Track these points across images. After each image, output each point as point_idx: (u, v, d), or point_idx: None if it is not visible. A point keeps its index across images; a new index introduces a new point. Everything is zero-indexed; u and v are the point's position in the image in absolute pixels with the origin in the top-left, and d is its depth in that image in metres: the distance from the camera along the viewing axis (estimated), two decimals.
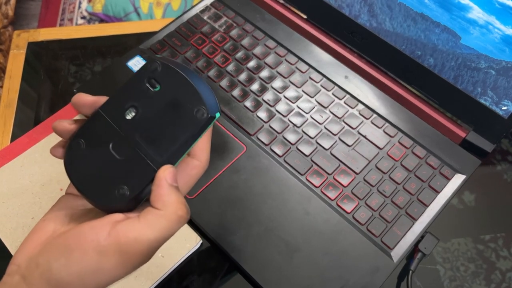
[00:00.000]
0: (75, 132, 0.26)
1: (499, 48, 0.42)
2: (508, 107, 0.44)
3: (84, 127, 0.26)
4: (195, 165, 0.28)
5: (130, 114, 0.26)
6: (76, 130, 0.27)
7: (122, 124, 0.26)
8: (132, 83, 0.26)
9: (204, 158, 0.28)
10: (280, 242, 0.41)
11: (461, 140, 0.47)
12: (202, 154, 0.28)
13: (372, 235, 0.42)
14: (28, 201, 0.44)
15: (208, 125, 0.26)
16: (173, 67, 0.26)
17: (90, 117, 0.27)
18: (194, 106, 0.25)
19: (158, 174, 0.25)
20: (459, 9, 0.42)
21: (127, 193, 0.25)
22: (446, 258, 0.45)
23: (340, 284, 0.39)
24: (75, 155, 0.26)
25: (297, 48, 0.53)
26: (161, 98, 0.25)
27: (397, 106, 0.49)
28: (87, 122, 0.26)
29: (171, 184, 0.25)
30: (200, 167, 0.28)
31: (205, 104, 0.25)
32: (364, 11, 0.49)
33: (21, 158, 0.47)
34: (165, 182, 0.25)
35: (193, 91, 0.25)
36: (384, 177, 0.45)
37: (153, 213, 0.24)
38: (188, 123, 0.25)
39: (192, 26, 0.55)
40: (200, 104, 0.25)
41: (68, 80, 0.56)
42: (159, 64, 0.26)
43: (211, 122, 0.26)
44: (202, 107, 0.25)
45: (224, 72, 0.52)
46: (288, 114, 0.49)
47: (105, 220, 0.24)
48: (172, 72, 0.26)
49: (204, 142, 0.28)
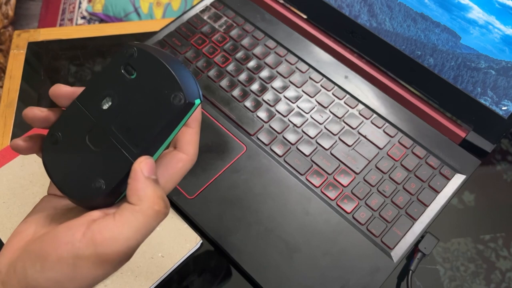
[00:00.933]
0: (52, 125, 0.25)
1: (499, 48, 0.42)
2: (508, 107, 0.44)
3: (60, 119, 0.25)
4: (181, 158, 0.26)
5: (106, 103, 0.24)
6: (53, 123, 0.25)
7: (98, 115, 0.24)
8: (108, 71, 0.25)
9: (191, 151, 0.27)
10: (280, 242, 0.41)
11: (461, 140, 0.47)
12: (189, 147, 0.27)
13: (372, 235, 0.42)
14: (28, 201, 0.44)
15: (187, 112, 0.24)
16: (150, 52, 0.24)
17: (67, 108, 0.25)
18: (171, 92, 0.23)
19: (133, 166, 0.23)
20: (459, 9, 0.42)
21: (103, 186, 0.23)
22: (446, 258, 0.45)
23: (340, 284, 0.39)
24: (52, 149, 0.25)
25: (297, 48, 0.53)
26: (138, 86, 0.24)
27: (397, 106, 0.49)
28: (63, 114, 0.25)
29: (148, 177, 0.23)
30: (187, 160, 0.27)
31: (183, 89, 0.23)
32: (364, 11, 0.50)
33: (21, 158, 0.47)
34: (141, 175, 0.23)
35: (169, 76, 0.24)
36: (384, 177, 0.45)
37: (129, 209, 0.23)
38: (165, 110, 0.23)
39: (192, 26, 0.55)
40: (177, 90, 0.23)
41: (68, 80, 0.56)
42: (135, 50, 0.24)
43: (190, 109, 0.24)
44: (180, 93, 0.23)
45: (224, 72, 0.52)
46: (288, 114, 0.49)
47: (81, 220, 0.23)
48: (149, 57, 0.24)
49: (191, 134, 0.27)
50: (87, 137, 0.24)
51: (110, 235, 0.22)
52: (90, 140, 0.24)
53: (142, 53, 0.24)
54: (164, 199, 0.24)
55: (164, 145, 0.25)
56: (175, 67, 0.24)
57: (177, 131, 0.25)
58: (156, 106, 0.24)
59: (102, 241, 0.22)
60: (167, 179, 0.26)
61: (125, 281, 0.39)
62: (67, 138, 0.25)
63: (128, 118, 0.24)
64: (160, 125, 0.23)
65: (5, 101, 0.54)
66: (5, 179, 0.45)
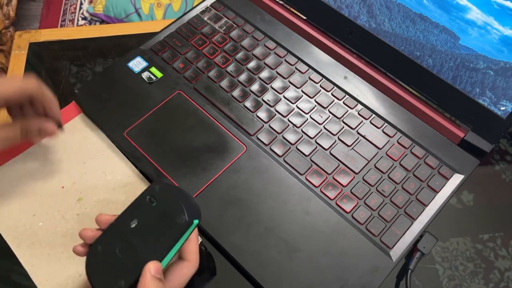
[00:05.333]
0: (95, 240, 0.33)
1: (497, 48, 0.42)
2: (507, 107, 0.44)
3: (101, 236, 0.33)
4: (185, 265, 0.34)
5: (133, 223, 0.33)
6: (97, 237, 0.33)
7: (127, 232, 0.33)
8: (138, 200, 0.34)
9: (192, 259, 0.35)
10: (280, 242, 0.41)
11: (459, 140, 0.47)
12: (191, 255, 0.35)
13: (371, 234, 0.42)
14: (29, 198, 0.44)
15: (188, 229, 0.32)
16: (167, 189, 0.34)
17: (107, 228, 0.34)
18: (176, 214, 0.32)
19: (144, 268, 0.30)
20: (457, 10, 0.43)
21: (122, 284, 0.30)
22: (445, 258, 0.45)
23: (339, 283, 0.39)
24: (93, 257, 0.33)
25: (296, 49, 0.54)
26: (156, 211, 0.33)
27: (396, 106, 0.50)
28: (104, 232, 0.34)
29: (154, 276, 0.30)
30: (190, 266, 0.34)
31: (185, 212, 0.32)
32: (363, 12, 0.50)
33: (23, 156, 0.47)
34: (148, 273, 0.30)
35: (177, 203, 0.33)
36: (383, 177, 0.45)
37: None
38: (171, 228, 0.32)
39: (193, 27, 0.56)
40: (180, 213, 0.32)
41: (69, 80, 0.56)
42: (158, 187, 0.34)
43: (189, 226, 0.32)
44: (182, 215, 0.32)
45: (224, 72, 0.52)
46: (288, 114, 0.49)
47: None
48: (166, 190, 0.34)
49: (192, 245, 0.35)
50: (117, 248, 0.32)
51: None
52: (120, 251, 0.32)
53: (162, 187, 0.34)
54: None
55: (171, 253, 0.32)
56: (183, 198, 0.33)
57: (181, 243, 0.33)
58: (166, 225, 0.32)
59: None
60: (175, 282, 0.33)
61: None
62: (104, 249, 0.33)
63: (147, 234, 0.32)
64: (168, 239, 0.32)
65: None
66: (6, 177, 0.46)
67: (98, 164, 0.47)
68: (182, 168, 0.45)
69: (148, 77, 0.51)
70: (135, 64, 0.52)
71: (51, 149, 0.48)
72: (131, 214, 0.34)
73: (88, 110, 0.49)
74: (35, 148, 0.48)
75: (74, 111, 0.51)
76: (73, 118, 0.50)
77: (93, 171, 0.46)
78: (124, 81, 0.51)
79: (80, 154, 0.48)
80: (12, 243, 0.42)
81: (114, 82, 0.51)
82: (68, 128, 0.49)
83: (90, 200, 0.45)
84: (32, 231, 0.43)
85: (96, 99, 0.50)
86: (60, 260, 0.41)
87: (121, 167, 0.47)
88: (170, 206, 0.33)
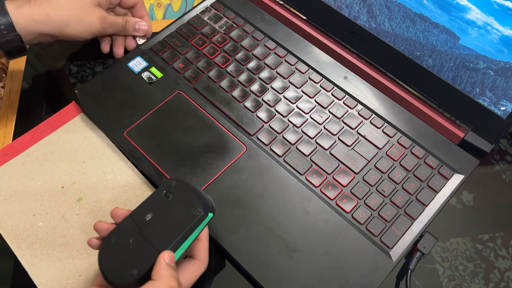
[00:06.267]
0: (109, 232, 0.34)
1: (497, 48, 0.42)
2: (507, 107, 0.44)
3: (115, 228, 0.34)
4: (195, 263, 0.35)
5: (148, 216, 0.34)
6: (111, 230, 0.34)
7: (142, 224, 0.34)
8: (154, 195, 0.36)
9: (203, 257, 0.36)
10: (280, 242, 0.41)
11: (459, 140, 0.47)
12: (201, 254, 0.36)
13: (371, 234, 0.42)
14: (29, 198, 0.44)
15: (202, 221, 0.34)
16: (183, 182, 0.35)
17: (122, 220, 0.35)
18: (192, 207, 0.34)
19: (158, 256, 0.32)
20: (457, 10, 0.43)
21: (135, 273, 0.31)
22: (445, 258, 0.45)
23: (339, 283, 0.39)
24: (106, 249, 0.34)
25: (296, 49, 0.54)
26: (172, 204, 0.34)
27: (396, 106, 0.50)
28: (118, 225, 0.35)
29: (168, 264, 0.31)
30: (200, 264, 0.35)
31: (200, 205, 0.34)
32: (363, 12, 0.50)
33: (23, 156, 0.47)
34: (163, 261, 0.31)
35: (193, 197, 0.34)
36: (383, 177, 0.45)
37: (150, 284, 0.30)
38: (187, 220, 0.33)
39: (193, 27, 0.56)
40: (196, 205, 0.34)
41: (69, 80, 0.56)
42: (174, 181, 0.36)
43: (204, 219, 0.34)
44: (198, 208, 0.34)
45: (224, 72, 0.52)
46: (288, 114, 0.49)
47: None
48: (182, 186, 0.35)
49: (202, 244, 0.36)
50: (131, 239, 0.33)
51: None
52: (133, 242, 0.33)
53: (178, 183, 0.35)
54: (178, 280, 0.31)
55: (185, 245, 0.33)
56: (198, 192, 0.35)
57: (194, 236, 0.34)
58: (182, 217, 0.34)
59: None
60: (186, 279, 0.34)
61: None
62: (118, 240, 0.34)
63: (162, 226, 0.33)
64: (183, 230, 0.33)
65: (6, 101, 0.54)
66: (6, 177, 0.46)
67: (98, 164, 0.47)
68: (182, 168, 0.45)
69: (148, 77, 0.51)
70: (135, 64, 0.52)
71: (51, 149, 0.48)
72: (147, 207, 0.35)
73: (88, 110, 0.49)
74: (36, 149, 0.48)
75: (74, 111, 0.51)
76: (73, 118, 0.50)
77: (93, 171, 0.46)
78: (124, 81, 0.51)
79: (80, 154, 0.48)
80: (12, 243, 0.42)
81: (114, 82, 0.51)
82: (68, 128, 0.49)
83: (90, 200, 0.45)
84: (32, 231, 0.43)
85: (96, 99, 0.50)
86: (60, 260, 0.41)
87: (121, 167, 0.47)
88: (186, 199, 0.34)
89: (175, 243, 0.32)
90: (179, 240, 0.33)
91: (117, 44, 0.53)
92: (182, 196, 0.35)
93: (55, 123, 0.50)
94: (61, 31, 0.46)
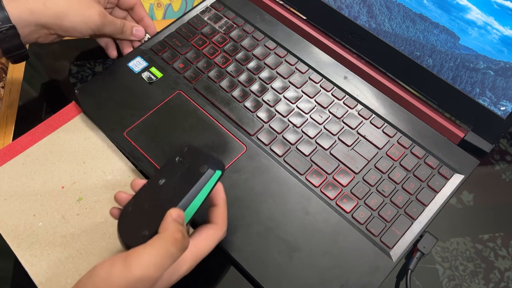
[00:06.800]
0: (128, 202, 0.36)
1: (497, 48, 0.42)
2: (507, 107, 0.44)
3: (133, 197, 0.36)
4: (212, 227, 0.36)
5: (161, 181, 0.35)
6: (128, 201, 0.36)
7: (156, 190, 0.35)
8: (168, 161, 0.37)
9: (220, 221, 0.36)
10: (280, 242, 0.41)
11: (459, 140, 0.47)
12: (218, 219, 0.36)
13: (371, 234, 0.42)
14: (29, 198, 0.44)
15: (210, 178, 0.34)
16: (195, 147, 0.37)
17: (139, 189, 0.36)
18: (200, 165, 0.34)
19: (166, 213, 0.32)
20: (457, 10, 0.43)
21: (147, 234, 0.32)
22: (445, 258, 0.45)
23: (339, 283, 0.39)
24: (124, 216, 0.35)
25: (296, 49, 0.54)
26: (182, 167, 0.35)
27: (396, 106, 0.50)
28: (135, 194, 0.36)
29: (175, 219, 0.31)
30: (217, 228, 0.36)
31: (208, 163, 0.34)
32: (363, 12, 0.50)
33: (23, 156, 0.47)
34: (169, 216, 0.31)
35: (201, 157, 0.35)
36: (383, 177, 0.45)
37: (155, 237, 0.31)
38: (194, 178, 0.34)
39: (193, 27, 0.56)
40: (205, 163, 0.34)
41: (69, 80, 0.56)
42: (186, 147, 0.37)
43: (211, 176, 0.34)
44: (206, 165, 0.34)
45: (224, 72, 0.52)
46: (288, 114, 0.49)
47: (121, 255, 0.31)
48: (193, 149, 0.37)
49: (219, 209, 0.36)
50: (146, 205, 0.34)
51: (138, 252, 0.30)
52: (147, 206, 0.34)
53: (190, 148, 0.37)
54: (184, 233, 0.31)
55: (195, 203, 0.34)
56: (207, 153, 0.36)
57: (205, 194, 0.34)
58: (190, 176, 0.34)
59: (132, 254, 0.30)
60: (202, 243, 0.35)
61: None
62: (134, 207, 0.35)
63: (173, 188, 0.34)
64: (191, 187, 0.33)
65: (6, 101, 0.54)
66: (6, 177, 0.46)
67: (98, 164, 0.47)
68: None
69: (148, 77, 0.51)
70: (135, 64, 0.52)
71: (51, 149, 0.48)
72: (160, 174, 0.36)
73: (88, 110, 0.49)
74: (36, 148, 0.48)
75: (74, 111, 0.51)
76: (73, 118, 0.50)
77: (93, 171, 0.46)
78: (124, 81, 0.51)
79: (80, 154, 0.48)
80: (12, 243, 0.42)
81: (114, 82, 0.51)
82: (68, 128, 0.49)
83: (90, 200, 0.45)
84: (32, 231, 0.43)
85: (96, 99, 0.50)
86: (60, 260, 0.41)
87: (121, 167, 0.47)
88: (195, 160, 0.35)
89: (184, 201, 0.33)
90: (187, 198, 0.33)
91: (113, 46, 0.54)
92: (192, 159, 0.36)
93: (55, 123, 0.50)
94: (58, 23, 0.45)
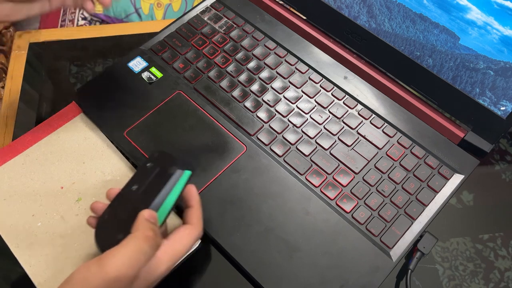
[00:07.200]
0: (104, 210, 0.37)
1: (497, 48, 0.42)
2: (507, 107, 0.44)
3: (109, 205, 0.37)
4: (187, 227, 0.36)
5: (134, 187, 0.36)
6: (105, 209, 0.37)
7: (130, 195, 0.36)
8: (139, 168, 0.38)
9: (194, 222, 0.37)
10: (280, 242, 0.41)
11: (459, 140, 0.47)
12: (193, 219, 0.37)
13: (371, 234, 0.42)
14: (29, 198, 0.44)
15: (179, 178, 0.36)
16: (164, 152, 0.38)
17: (114, 197, 0.37)
18: (169, 168, 0.36)
19: (138, 214, 0.33)
20: (457, 10, 0.43)
21: (121, 237, 0.32)
22: (445, 258, 0.45)
23: (339, 283, 0.39)
24: (100, 224, 0.36)
25: (296, 49, 0.54)
26: (153, 171, 0.37)
27: (396, 106, 0.50)
28: (111, 202, 0.37)
29: (147, 219, 0.33)
30: (192, 228, 0.36)
31: (177, 165, 0.36)
32: (363, 12, 0.50)
33: (22, 156, 0.47)
34: (142, 217, 0.33)
35: (170, 159, 0.37)
36: (383, 177, 0.45)
37: (128, 237, 0.32)
38: (165, 179, 0.36)
39: (193, 27, 0.56)
40: (173, 165, 0.36)
41: (69, 80, 0.56)
42: (156, 153, 0.38)
43: (181, 176, 0.36)
44: (174, 166, 0.36)
45: (224, 72, 0.52)
46: (288, 114, 0.49)
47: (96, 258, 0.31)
48: (163, 154, 0.38)
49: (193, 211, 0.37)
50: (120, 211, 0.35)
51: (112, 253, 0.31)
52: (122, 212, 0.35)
53: (159, 154, 0.38)
54: (156, 232, 0.33)
55: (167, 204, 0.35)
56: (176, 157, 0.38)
57: (177, 194, 0.36)
58: (161, 179, 0.36)
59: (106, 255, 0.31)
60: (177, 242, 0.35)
61: None
62: (109, 215, 0.36)
63: (145, 192, 0.36)
64: (161, 189, 0.35)
65: (6, 101, 0.54)
66: (6, 177, 0.46)
67: (97, 164, 0.47)
68: None
69: (148, 77, 0.51)
70: (135, 64, 0.52)
71: (51, 149, 0.48)
72: (133, 181, 0.37)
73: (88, 110, 0.49)
74: (36, 149, 0.48)
75: (74, 111, 0.51)
76: (73, 118, 0.50)
77: (93, 171, 0.46)
78: (124, 81, 0.51)
79: (79, 154, 0.48)
80: (11, 243, 0.42)
81: (114, 82, 0.51)
82: (68, 128, 0.49)
83: (89, 200, 0.45)
84: (31, 231, 0.43)
85: (96, 99, 0.50)
86: (59, 260, 0.41)
87: (121, 167, 0.47)
88: (165, 164, 0.37)
89: (155, 202, 0.35)
90: (159, 199, 0.35)
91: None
92: (162, 163, 0.37)
93: (55, 123, 0.50)
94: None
